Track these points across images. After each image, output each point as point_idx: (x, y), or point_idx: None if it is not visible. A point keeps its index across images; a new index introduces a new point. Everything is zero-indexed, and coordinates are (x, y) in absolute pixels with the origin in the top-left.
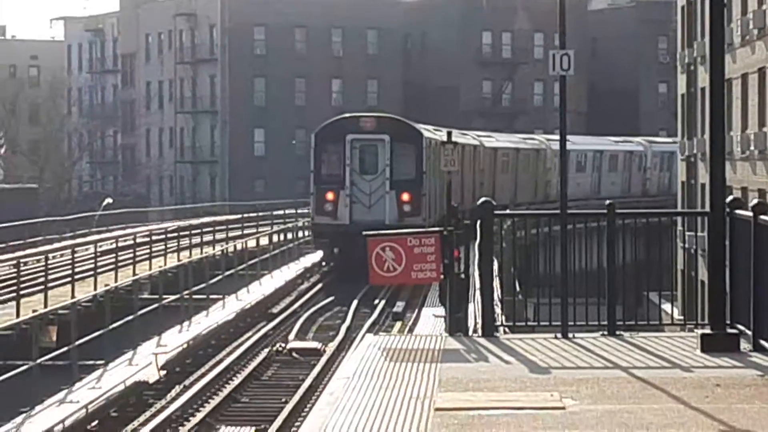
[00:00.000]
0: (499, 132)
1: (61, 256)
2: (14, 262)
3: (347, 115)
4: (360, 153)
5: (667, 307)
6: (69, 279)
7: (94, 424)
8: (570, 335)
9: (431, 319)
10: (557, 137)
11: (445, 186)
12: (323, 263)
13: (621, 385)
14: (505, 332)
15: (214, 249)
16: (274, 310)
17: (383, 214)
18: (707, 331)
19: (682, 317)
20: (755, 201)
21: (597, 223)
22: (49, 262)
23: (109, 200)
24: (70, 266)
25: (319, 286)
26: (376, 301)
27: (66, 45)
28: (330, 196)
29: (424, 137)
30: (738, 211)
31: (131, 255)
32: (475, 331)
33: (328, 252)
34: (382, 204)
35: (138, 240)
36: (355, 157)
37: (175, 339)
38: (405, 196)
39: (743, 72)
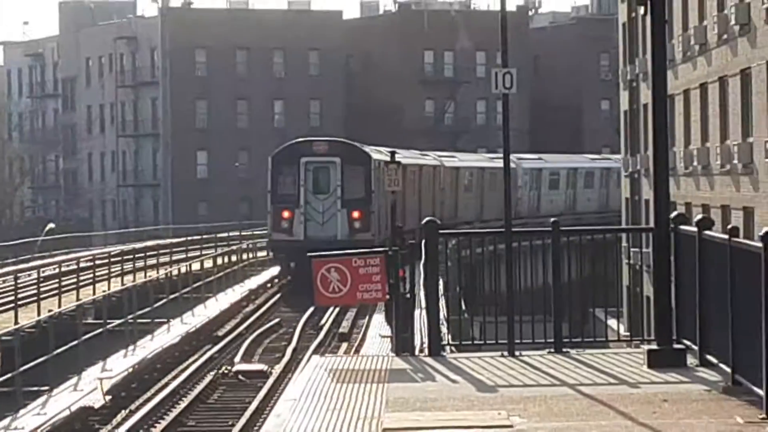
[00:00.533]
0: (442, 150)
1: (3, 282)
2: None
3: (301, 139)
4: (313, 174)
5: (613, 323)
6: (12, 305)
7: None
8: (517, 353)
9: (377, 339)
10: (529, 156)
11: (388, 206)
12: (280, 277)
13: (568, 402)
14: (451, 351)
15: (158, 273)
16: (220, 333)
17: (335, 231)
18: (653, 346)
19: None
20: (699, 216)
21: (542, 240)
22: None
23: (51, 225)
24: (12, 292)
25: (265, 307)
26: (322, 322)
27: (5, 70)
28: (286, 214)
29: (373, 159)
30: (682, 227)
31: (75, 280)
32: (421, 350)
33: (285, 266)
34: (334, 221)
35: (81, 265)
36: (309, 178)
37: (120, 363)
38: (355, 214)
39: (685, 88)
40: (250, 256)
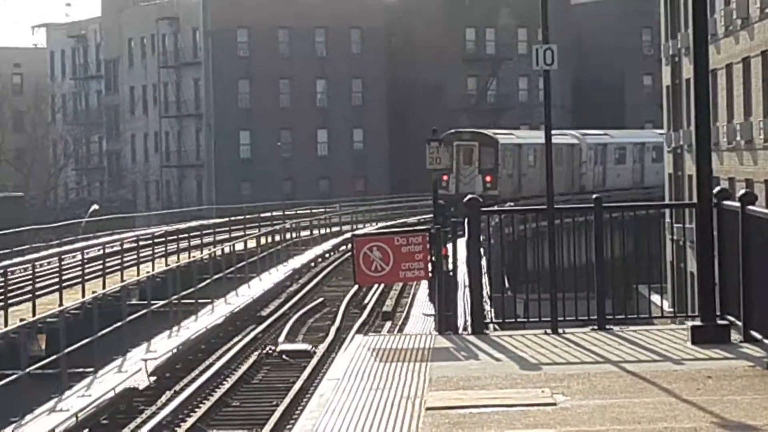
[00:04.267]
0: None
1: (48, 264)
2: (1, 271)
3: (454, 130)
4: (462, 152)
5: (656, 299)
6: (57, 287)
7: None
8: (560, 330)
9: (421, 318)
10: (594, 132)
11: (516, 173)
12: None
13: (612, 379)
14: (494, 329)
15: (201, 253)
16: (263, 313)
17: (475, 188)
18: (697, 323)
19: (672, 309)
20: (742, 191)
21: (585, 217)
22: (36, 270)
23: (95, 207)
24: (57, 274)
25: (309, 287)
26: (366, 301)
27: (49, 52)
28: (445, 177)
29: (500, 143)
30: (725, 202)
31: (119, 261)
32: (464, 328)
33: (447, 210)
34: (474, 182)
35: (125, 246)
36: (460, 154)
37: (164, 344)
38: (488, 178)
39: (728, 62)
40: (294, 235)
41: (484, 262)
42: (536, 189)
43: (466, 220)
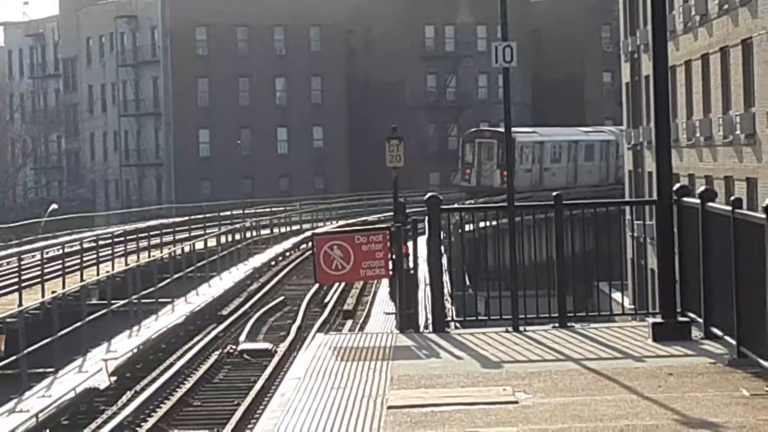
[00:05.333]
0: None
1: (8, 263)
2: None
3: (475, 129)
4: (483, 149)
5: (618, 296)
6: (16, 287)
7: None
8: (521, 328)
9: (382, 316)
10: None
11: (536, 168)
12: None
13: (573, 377)
14: (456, 327)
15: (161, 252)
16: (224, 312)
17: (493, 181)
18: (658, 320)
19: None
20: (702, 188)
21: (545, 214)
22: None
23: (54, 206)
24: (16, 274)
25: (269, 286)
26: (327, 300)
27: (6, 50)
28: (468, 170)
29: (517, 140)
30: (685, 199)
31: (78, 261)
32: (426, 327)
33: (466, 198)
34: (493, 176)
35: (85, 245)
36: (481, 150)
37: (125, 344)
38: (505, 173)
39: (686, 59)
40: (254, 234)
41: (444, 260)
42: (562, 182)
43: (426, 217)
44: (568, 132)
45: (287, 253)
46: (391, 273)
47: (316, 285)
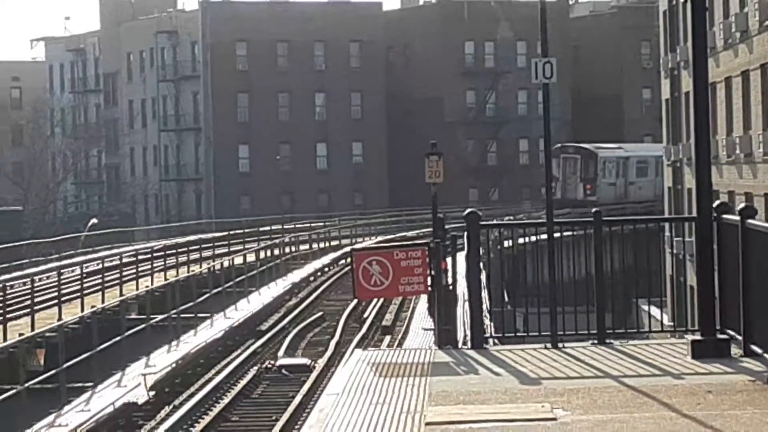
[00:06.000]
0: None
1: (47, 278)
2: (0, 285)
3: (559, 145)
4: (568, 164)
5: (656, 313)
6: (56, 301)
7: None
8: (560, 345)
9: (420, 332)
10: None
11: (620, 182)
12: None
13: (612, 394)
14: (494, 344)
15: (200, 267)
16: (263, 327)
17: (576, 194)
18: (697, 337)
19: (672, 323)
20: (742, 205)
21: (584, 231)
22: (35, 284)
23: (94, 221)
24: (56, 288)
25: (308, 301)
26: (365, 315)
27: (47, 65)
28: (553, 184)
29: (599, 156)
30: (725, 216)
31: (118, 275)
32: (464, 343)
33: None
34: (576, 188)
35: (124, 260)
36: (566, 166)
37: (163, 359)
38: (588, 185)
39: (727, 75)
40: (293, 249)
41: (483, 276)
42: (649, 195)
43: (465, 233)
44: (655, 147)
45: (326, 269)
46: (429, 289)
47: (355, 300)
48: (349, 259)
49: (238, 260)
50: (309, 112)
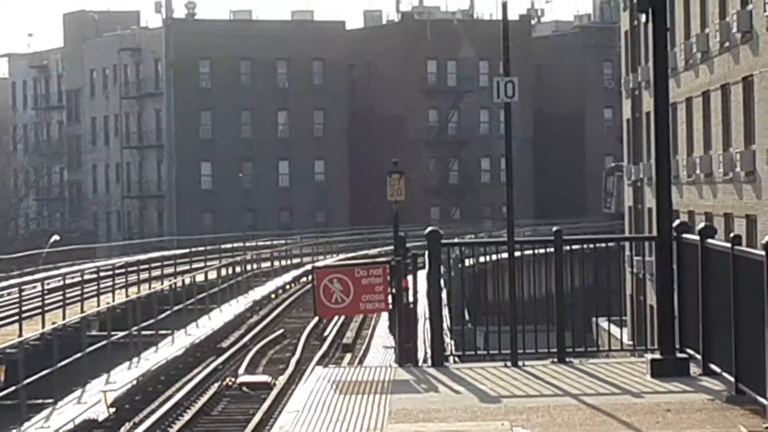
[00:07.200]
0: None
1: (8, 294)
2: None
3: (615, 163)
4: (621, 181)
5: (616, 332)
6: (16, 317)
7: None
8: (520, 363)
9: (381, 350)
10: None
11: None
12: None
13: (571, 412)
14: (455, 361)
15: (162, 284)
16: (224, 345)
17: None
18: (657, 356)
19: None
20: (702, 224)
21: (545, 249)
22: None
23: (56, 237)
24: (17, 305)
25: (269, 318)
26: (326, 333)
27: (10, 82)
28: (609, 200)
29: None
30: (685, 235)
31: (79, 292)
32: (425, 361)
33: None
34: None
35: (86, 277)
36: (620, 183)
37: (124, 376)
38: None
39: (687, 96)
40: (254, 267)
41: (444, 294)
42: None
43: (426, 252)
44: None
45: (287, 286)
46: (390, 307)
47: (316, 318)
48: (310, 277)
49: (200, 277)
50: (272, 129)
